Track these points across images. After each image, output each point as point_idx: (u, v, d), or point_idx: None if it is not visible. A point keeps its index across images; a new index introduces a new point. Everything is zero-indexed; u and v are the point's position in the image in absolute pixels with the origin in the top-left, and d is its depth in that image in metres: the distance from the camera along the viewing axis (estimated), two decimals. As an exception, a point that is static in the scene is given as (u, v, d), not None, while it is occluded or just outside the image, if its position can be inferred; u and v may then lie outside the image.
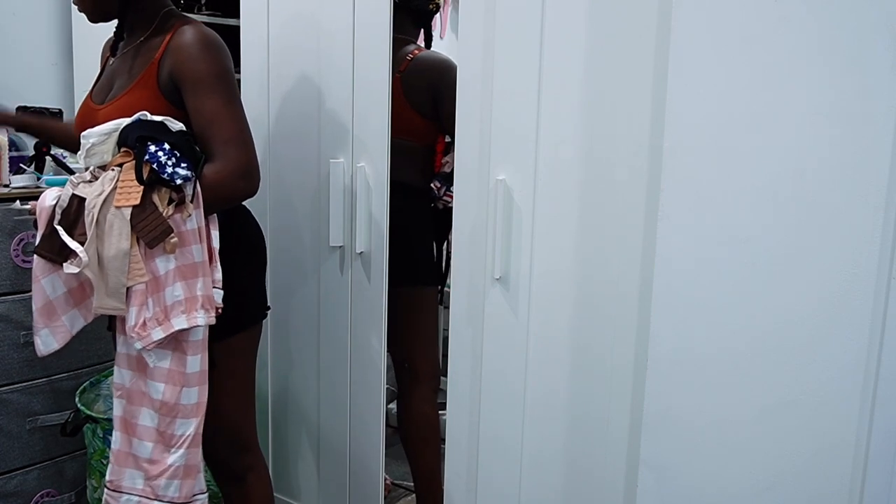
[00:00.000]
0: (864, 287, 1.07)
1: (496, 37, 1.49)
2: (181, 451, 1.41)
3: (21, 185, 1.95)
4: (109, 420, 1.83)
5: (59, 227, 1.34)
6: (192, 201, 1.36)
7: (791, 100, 1.09)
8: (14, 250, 1.87)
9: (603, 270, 1.42)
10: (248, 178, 1.41)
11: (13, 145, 2.09)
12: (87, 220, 1.32)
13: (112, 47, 1.61)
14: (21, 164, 2.07)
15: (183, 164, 1.34)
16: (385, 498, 2.02)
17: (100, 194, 1.32)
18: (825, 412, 1.12)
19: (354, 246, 1.87)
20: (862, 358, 1.08)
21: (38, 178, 2.01)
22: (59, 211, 1.35)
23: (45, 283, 1.39)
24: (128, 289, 1.33)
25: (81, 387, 1.99)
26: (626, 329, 1.40)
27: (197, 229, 1.37)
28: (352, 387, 1.96)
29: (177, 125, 1.40)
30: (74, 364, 2.03)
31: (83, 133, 1.41)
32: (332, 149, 1.89)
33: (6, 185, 1.95)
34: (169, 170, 1.32)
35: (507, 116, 1.50)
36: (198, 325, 1.37)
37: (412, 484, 2.22)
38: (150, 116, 1.38)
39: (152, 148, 1.33)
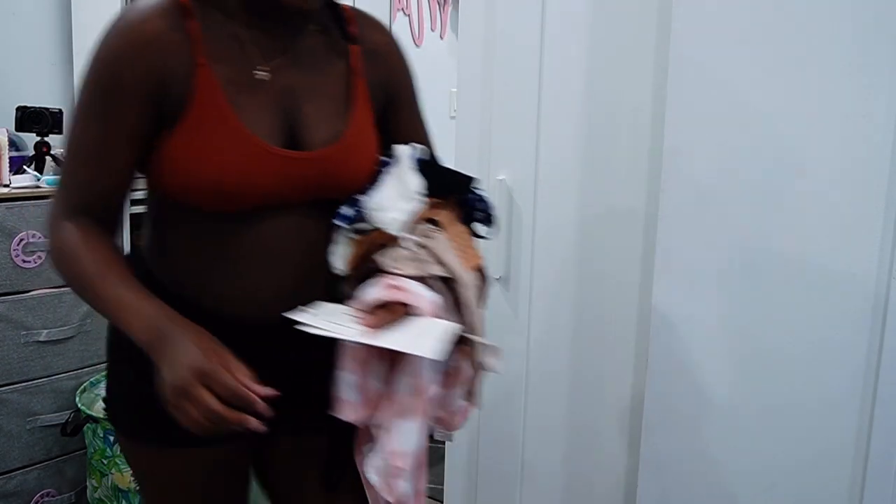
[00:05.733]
0: (864, 287, 1.07)
1: (496, 37, 1.49)
2: None
3: (21, 185, 1.95)
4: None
5: (458, 326, 0.92)
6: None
7: (791, 100, 1.09)
8: (14, 250, 1.87)
9: (603, 270, 1.42)
10: None
11: (13, 145, 2.09)
12: (470, 300, 0.94)
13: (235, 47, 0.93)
14: (21, 165, 2.08)
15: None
16: None
17: (460, 266, 0.95)
18: (825, 412, 1.12)
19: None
20: (862, 358, 1.08)
21: (38, 179, 2.01)
22: (440, 304, 0.92)
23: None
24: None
25: (81, 387, 1.99)
26: (626, 329, 1.40)
27: None
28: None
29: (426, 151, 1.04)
30: (74, 364, 2.03)
31: (375, 206, 0.95)
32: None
33: (6, 185, 1.95)
34: (491, 212, 1.04)
35: (508, 116, 1.50)
36: None
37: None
38: (420, 150, 1.01)
39: (475, 194, 1.02)
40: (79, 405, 1.92)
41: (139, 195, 0.98)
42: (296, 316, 0.88)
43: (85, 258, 0.90)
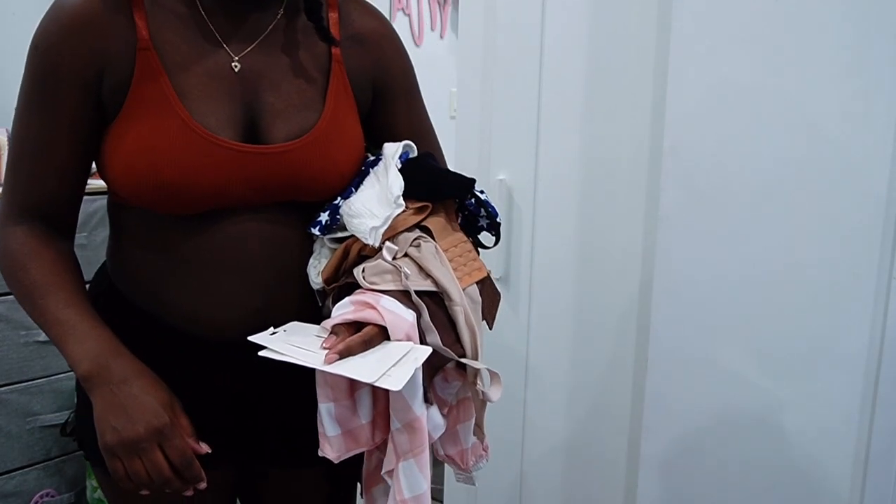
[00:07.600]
0: (864, 287, 1.07)
1: (496, 37, 1.49)
2: None
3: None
4: (109, 420, 1.82)
5: (429, 349, 0.79)
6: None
7: (790, 100, 1.09)
8: (14, 250, 1.87)
9: (603, 270, 1.42)
10: None
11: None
12: (460, 318, 0.83)
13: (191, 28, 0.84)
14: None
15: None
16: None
17: (451, 280, 0.84)
18: (825, 412, 1.12)
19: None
20: (862, 358, 1.08)
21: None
22: (424, 324, 0.81)
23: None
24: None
25: (81, 387, 1.99)
26: (627, 329, 1.40)
27: None
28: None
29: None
30: (74, 364, 2.02)
31: (349, 212, 0.84)
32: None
33: (6, 185, 1.94)
34: (495, 219, 0.94)
35: (508, 116, 1.50)
36: None
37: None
38: (411, 147, 0.93)
39: (477, 198, 0.93)
40: (79, 405, 1.92)
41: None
42: (258, 339, 0.78)
43: (31, 269, 0.81)
